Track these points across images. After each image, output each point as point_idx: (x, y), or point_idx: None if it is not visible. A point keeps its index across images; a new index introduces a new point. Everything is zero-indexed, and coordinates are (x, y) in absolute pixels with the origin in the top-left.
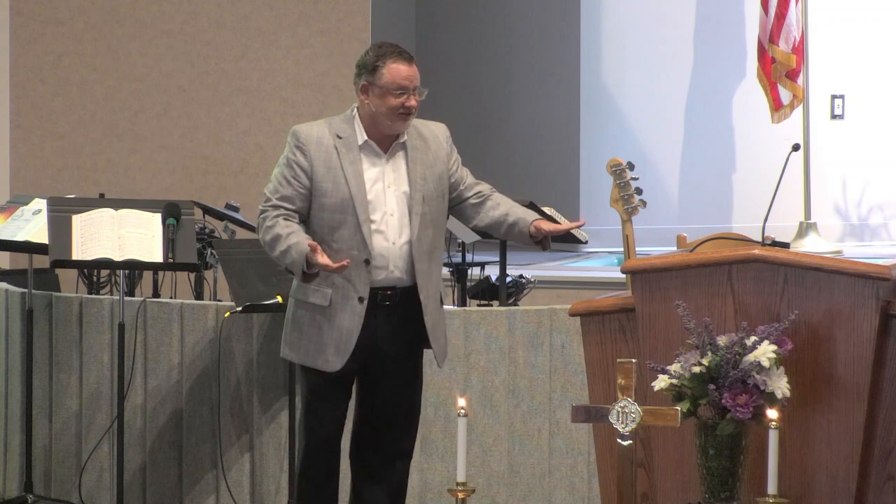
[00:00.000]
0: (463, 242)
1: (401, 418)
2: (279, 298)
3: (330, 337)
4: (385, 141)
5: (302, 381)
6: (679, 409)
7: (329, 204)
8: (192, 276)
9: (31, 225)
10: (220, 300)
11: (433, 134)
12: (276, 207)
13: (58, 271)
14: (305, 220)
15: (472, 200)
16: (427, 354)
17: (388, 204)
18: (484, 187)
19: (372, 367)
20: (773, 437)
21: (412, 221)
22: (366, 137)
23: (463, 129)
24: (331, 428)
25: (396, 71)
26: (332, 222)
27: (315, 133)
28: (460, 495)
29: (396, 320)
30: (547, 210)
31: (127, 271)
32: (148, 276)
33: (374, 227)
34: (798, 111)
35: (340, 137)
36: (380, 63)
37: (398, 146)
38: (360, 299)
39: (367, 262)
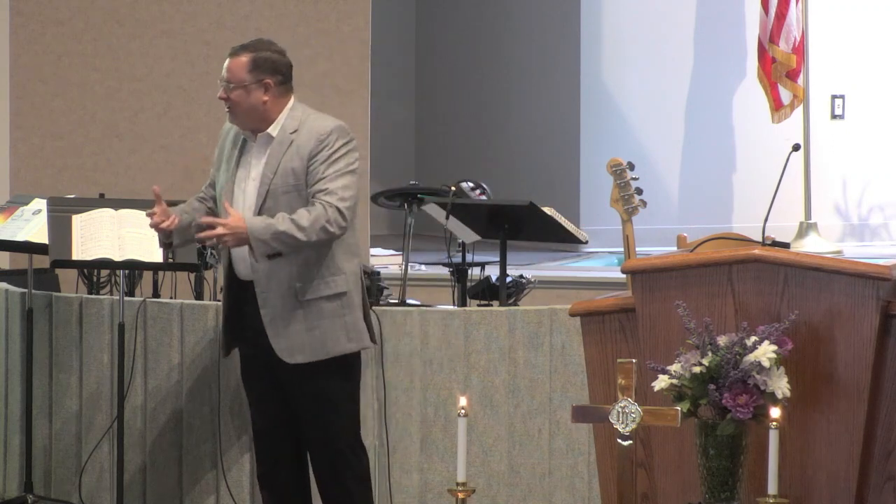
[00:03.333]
0: (463, 242)
1: (309, 442)
2: None
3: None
4: (254, 135)
5: None
6: (679, 409)
7: (217, 191)
8: (192, 276)
9: (31, 225)
10: (219, 300)
11: (312, 129)
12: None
13: (58, 271)
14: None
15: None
16: (425, 356)
17: (246, 198)
18: (321, 194)
19: (269, 364)
20: (773, 437)
21: (248, 216)
22: (243, 131)
23: (463, 129)
24: (255, 416)
25: None
26: (216, 210)
27: (228, 126)
28: (460, 495)
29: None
30: (547, 210)
31: (127, 271)
32: (148, 276)
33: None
34: (798, 111)
35: (236, 134)
36: None
37: (265, 138)
38: (224, 279)
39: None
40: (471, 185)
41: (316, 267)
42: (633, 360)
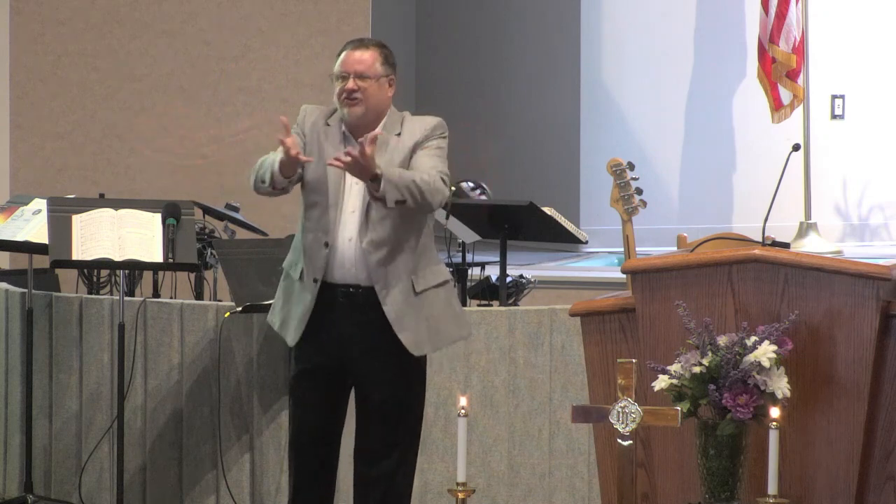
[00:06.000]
0: (463, 242)
1: (375, 442)
2: None
3: (296, 311)
4: (358, 134)
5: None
6: (679, 409)
7: (308, 180)
8: (192, 276)
9: (31, 225)
10: (220, 300)
11: (413, 126)
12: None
13: (58, 271)
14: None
15: None
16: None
17: (351, 202)
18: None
19: (349, 373)
20: (773, 437)
21: (362, 216)
22: (344, 129)
23: (463, 129)
24: (305, 426)
25: (342, 57)
26: (308, 200)
27: (314, 112)
28: (460, 495)
29: (364, 320)
30: (547, 210)
31: (127, 271)
32: (148, 276)
33: (340, 219)
34: (798, 111)
35: (328, 125)
36: (339, 56)
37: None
38: (315, 280)
39: (327, 245)
40: (471, 185)
41: (425, 257)
42: (633, 360)
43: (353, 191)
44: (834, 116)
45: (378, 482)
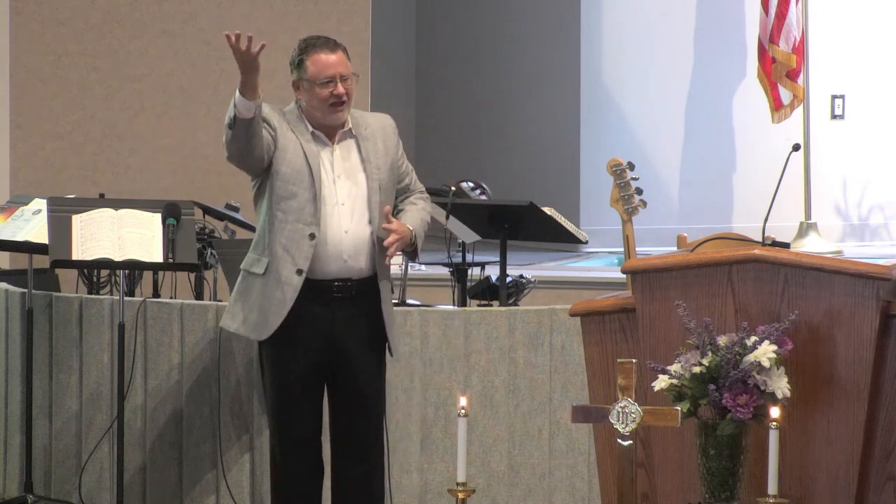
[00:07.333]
0: (463, 242)
1: (365, 436)
2: None
3: (263, 305)
4: (331, 131)
5: (268, 382)
6: (679, 409)
7: (283, 172)
8: (192, 276)
9: (31, 225)
10: (220, 300)
11: (381, 125)
12: None
13: (58, 271)
14: (264, 163)
15: (399, 197)
16: (425, 356)
17: (337, 194)
18: (415, 188)
19: (337, 367)
20: (773, 437)
21: (372, 210)
22: (311, 129)
23: (463, 129)
24: (304, 431)
25: (319, 61)
26: (284, 192)
27: (275, 111)
28: (460, 495)
29: (356, 313)
30: (547, 210)
31: (127, 271)
32: (148, 276)
33: (324, 211)
34: (798, 111)
35: (290, 123)
36: (304, 57)
37: (346, 135)
38: (299, 271)
39: (313, 236)
40: (471, 185)
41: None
42: (633, 360)
43: (339, 183)
44: (834, 116)
45: (362, 478)
